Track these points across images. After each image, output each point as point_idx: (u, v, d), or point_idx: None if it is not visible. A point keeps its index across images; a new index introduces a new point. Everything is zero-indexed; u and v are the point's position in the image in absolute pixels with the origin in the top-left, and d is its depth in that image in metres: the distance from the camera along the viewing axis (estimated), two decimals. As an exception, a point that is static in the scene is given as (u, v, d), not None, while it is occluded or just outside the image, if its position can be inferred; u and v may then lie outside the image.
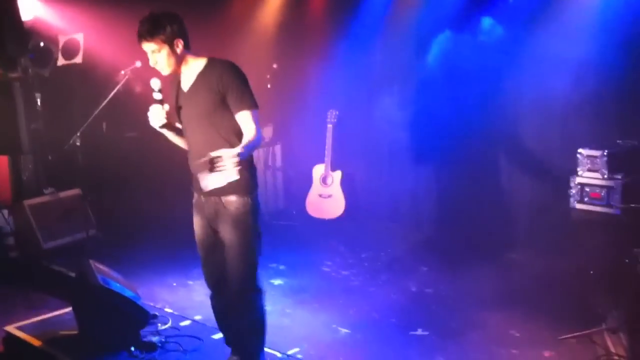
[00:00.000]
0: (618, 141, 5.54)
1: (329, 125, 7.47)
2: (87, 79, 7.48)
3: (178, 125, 3.93)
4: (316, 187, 7.55)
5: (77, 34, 7.05)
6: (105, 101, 6.34)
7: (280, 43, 8.06)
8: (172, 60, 3.67)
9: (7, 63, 6.50)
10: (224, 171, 3.35)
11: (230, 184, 3.53)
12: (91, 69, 7.38)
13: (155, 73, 3.75)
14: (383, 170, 7.73)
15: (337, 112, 7.47)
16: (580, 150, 5.40)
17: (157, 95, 3.70)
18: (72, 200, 7.11)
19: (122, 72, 6.36)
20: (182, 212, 3.96)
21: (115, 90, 6.33)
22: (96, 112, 6.39)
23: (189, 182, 3.96)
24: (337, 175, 7.46)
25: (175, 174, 3.80)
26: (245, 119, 3.64)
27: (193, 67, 3.75)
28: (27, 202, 6.85)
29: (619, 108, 5.77)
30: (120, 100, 6.56)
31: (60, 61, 7.01)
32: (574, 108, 6.06)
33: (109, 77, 6.95)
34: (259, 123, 3.66)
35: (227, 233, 3.80)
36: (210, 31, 3.59)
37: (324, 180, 7.51)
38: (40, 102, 7.12)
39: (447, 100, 7.02)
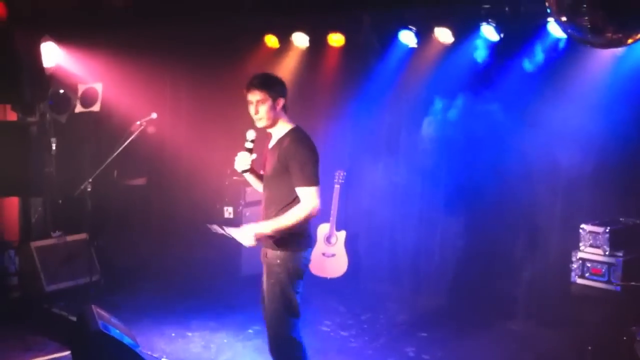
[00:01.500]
0: (620, 219, 5.62)
1: (336, 186, 7.55)
2: (103, 127, 7.64)
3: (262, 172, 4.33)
4: (320, 246, 7.59)
5: (96, 83, 7.24)
6: (119, 149, 6.47)
7: (293, 102, 8.18)
8: (271, 115, 4.09)
9: (25, 108, 6.68)
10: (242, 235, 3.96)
11: (273, 239, 4.04)
12: (107, 117, 7.55)
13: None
14: (386, 233, 7.77)
15: (345, 173, 7.56)
16: (583, 225, 5.48)
17: (249, 145, 4.23)
18: (78, 244, 7.18)
19: (138, 122, 6.51)
20: (184, 263, 4.05)
21: (129, 140, 6.47)
22: (109, 160, 6.51)
23: (191, 233, 4.15)
24: (342, 235, 7.51)
25: (178, 223, 3.96)
26: (300, 194, 3.97)
27: (280, 130, 4.15)
28: (34, 244, 6.93)
29: (624, 183, 5.85)
30: (132, 148, 6.70)
31: (78, 109, 7.18)
32: (579, 180, 6.13)
33: (124, 126, 7.10)
34: (314, 198, 3.95)
35: (265, 282, 4.17)
36: (224, 85, 3.85)
37: (328, 239, 7.55)
38: (55, 147, 7.26)
39: (453, 166, 7.12)
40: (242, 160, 4.23)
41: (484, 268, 6.68)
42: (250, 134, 4.22)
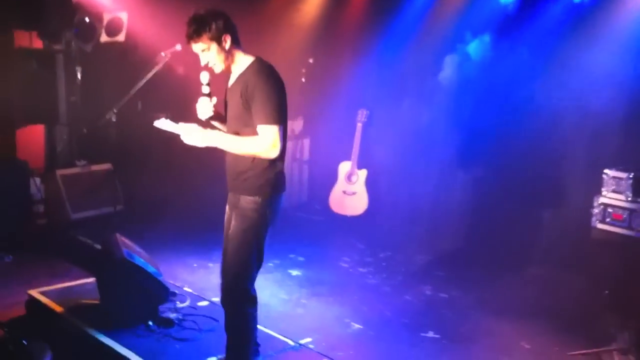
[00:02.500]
0: (645, 165, 5.56)
1: (359, 124, 7.55)
2: (127, 58, 7.61)
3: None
4: (341, 184, 7.64)
5: (121, 13, 7.19)
6: (143, 81, 6.45)
7: (317, 38, 8.14)
8: (222, 56, 3.70)
9: (51, 35, 6.67)
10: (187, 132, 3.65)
11: (246, 184, 3.77)
12: (132, 48, 7.52)
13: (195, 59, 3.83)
14: (407, 174, 7.78)
15: (368, 112, 7.54)
16: (606, 170, 5.43)
17: (205, 89, 3.79)
18: (103, 174, 7.28)
19: (162, 53, 6.47)
20: (207, 194, 4.07)
21: (154, 71, 6.45)
22: (133, 90, 6.51)
23: (216, 166, 4.04)
24: (363, 173, 7.54)
25: (202, 157, 3.88)
26: (260, 132, 3.65)
27: (239, 66, 3.78)
28: (59, 172, 7.03)
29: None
30: (157, 81, 6.68)
31: (103, 38, 7.15)
32: (607, 125, 6.06)
33: (148, 57, 7.08)
34: (276, 139, 3.62)
35: (233, 226, 3.86)
36: (248, 24, 3.67)
37: (349, 177, 7.59)
38: (80, 76, 7.28)
39: (478, 108, 7.06)
40: (203, 107, 3.82)
41: (505, 212, 6.67)
42: (204, 77, 3.78)
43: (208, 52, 3.68)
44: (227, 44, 3.69)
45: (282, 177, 3.87)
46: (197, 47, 3.68)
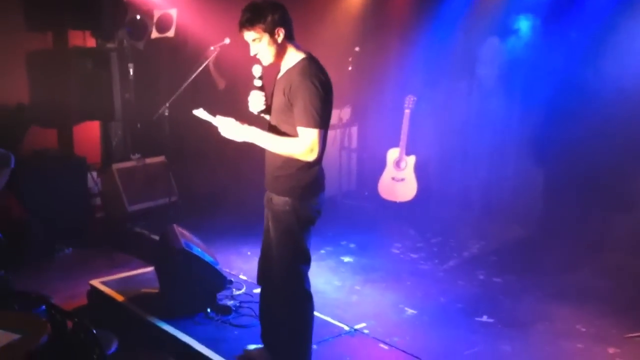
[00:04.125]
0: None
1: (407, 111, 7.54)
2: (178, 53, 7.77)
3: None
4: (389, 170, 7.66)
5: (171, 9, 7.33)
6: (195, 74, 6.59)
7: (364, 27, 8.16)
8: (273, 49, 3.62)
9: (105, 34, 6.85)
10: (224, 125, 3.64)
11: (278, 183, 3.74)
12: (182, 44, 7.67)
13: (245, 55, 3.84)
14: (457, 158, 7.75)
15: (415, 98, 7.53)
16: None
17: (257, 82, 3.77)
18: (157, 167, 7.44)
19: (212, 47, 6.60)
20: (258, 186, 4.13)
21: (204, 65, 6.58)
22: (185, 84, 6.65)
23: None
24: (411, 159, 7.54)
25: (253, 150, 3.92)
26: (300, 133, 3.59)
27: (288, 61, 3.70)
28: (115, 166, 7.22)
29: None
30: (208, 74, 6.83)
31: (154, 34, 7.30)
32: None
33: (198, 52, 7.21)
34: (315, 143, 3.55)
35: (270, 228, 3.85)
36: (295, 13, 3.67)
37: (397, 164, 7.61)
38: (133, 73, 7.46)
39: (526, 95, 6.99)
40: (256, 100, 3.79)
41: (559, 196, 6.61)
42: (257, 70, 3.74)
43: (259, 43, 3.60)
44: (280, 37, 3.61)
45: (317, 181, 3.79)
46: (249, 35, 3.61)
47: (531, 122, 6.92)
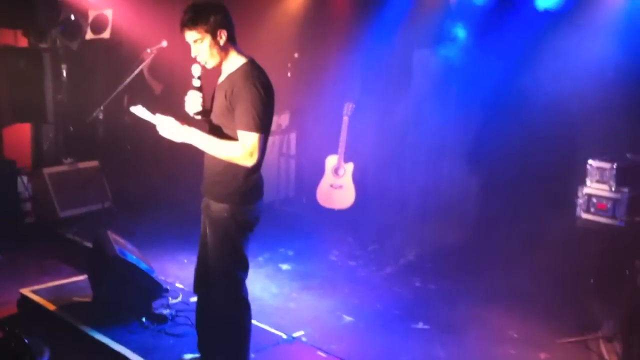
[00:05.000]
0: (627, 155, 5.67)
1: (345, 118, 7.59)
2: (113, 55, 7.61)
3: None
4: (328, 177, 7.69)
5: (106, 10, 7.17)
6: (130, 77, 6.48)
7: (303, 33, 8.17)
8: (215, 51, 3.57)
9: (38, 33, 6.65)
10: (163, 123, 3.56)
11: (217, 190, 3.70)
12: (117, 45, 7.52)
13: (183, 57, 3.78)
14: (394, 165, 7.83)
15: (354, 105, 7.58)
16: (590, 161, 5.54)
17: (196, 82, 3.68)
18: (90, 171, 7.27)
19: (148, 50, 6.50)
20: (196, 190, 4.08)
21: (140, 68, 6.47)
22: (121, 87, 6.53)
23: (202, 160, 3.90)
24: (350, 167, 7.59)
25: (190, 152, 3.87)
26: (240, 137, 3.55)
27: (230, 65, 3.67)
28: (47, 170, 7.03)
29: (633, 120, 5.87)
30: (143, 76, 6.71)
31: (89, 35, 7.12)
32: (590, 115, 6.14)
33: (134, 54, 7.08)
34: (255, 147, 3.51)
35: (208, 235, 3.82)
36: (234, 18, 3.62)
37: (336, 171, 7.64)
38: (66, 74, 7.26)
39: (462, 100, 7.14)
40: (193, 101, 3.69)
41: (491, 202, 6.76)
42: (196, 70, 3.65)
43: (200, 44, 3.55)
44: (222, 39, 3.57)
45: (257, 187, 3.76)
46: (190, 36, 3.55)
47: (466, 128, 7.06)
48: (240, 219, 3.71)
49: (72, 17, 6.98)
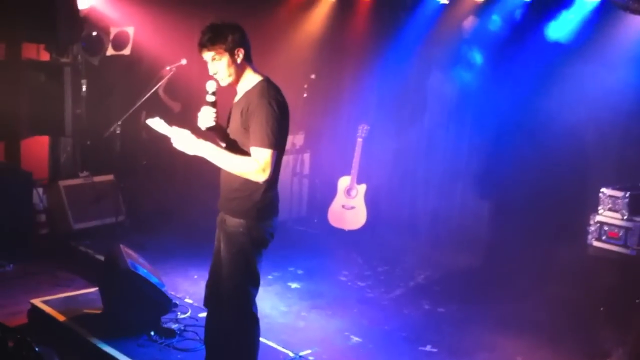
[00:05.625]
0: (640, 184, 5.67)
1: (359, 139, 7.63)
2: (132, 71, 7.72)
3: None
4: (340, 198, 7.72)
5: (128, 27, 7.29)
6: (149, 94, 6.57)
7: (320, 54, 8.25)
8: (232, 70, 3.67)
9: (60, 48, 6.76)
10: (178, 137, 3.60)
11: (233, 205, 3.75)
12: (137, 62, 7.63)
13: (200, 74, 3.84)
14: (406, 188, 7.87)
15: (368, 127, 7.63)
16: (603, 189, 5.54)
17: (210, 98, 3.72)
18: (105, 185, 7.34)
19: (168, 67, 6.59)
20: (208, 206, 4.13)
21: (159, 85, 6.57)
22: (138, 103, 6.61)
23: (218, 179, 3.96)
24: (362, 188, 7.62)
25: (204, 169, 3.91)
26: (252, 153, 3.61)
27: (246, 83, 3.75)
28: (62, 183, 7.09)
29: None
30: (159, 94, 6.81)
31: (110, 51, 7.25)
32: (604, 144, 6.17)
33: (154, 70, 7.19)
34: (267, 163, 3.57)
35: (222, 249, 3.84)
36: (251, 39, 3.69)
37: (348, 192, 7.67)
38: (86, 89, 7.37)
39: (476, 126, 7.19)
40: (206, 116, 3.71)
41: (504, 227, 6.76)
42: (211, 86, 3.70)
43: (218, 62, 3.65)
44: (240, 57, 3.67)
45: (273, 204, 3.81)
46: (208, 55, 3.66)
47: (479, 153, 7.10)
48: (256, 234, 3.76)
49: (94, 33, 7.10)
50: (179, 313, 5.22)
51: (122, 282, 4.75)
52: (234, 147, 3.73)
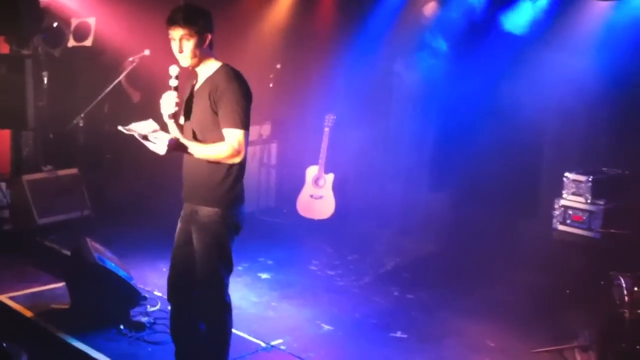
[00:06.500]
0: (604, 168, 5.78)
1: (326, 129, 7.65)
2: (95, 62, 7.60)
3: (182, 121, 3.91)
4: (308, 188, 7.73)
5: (89, 18, 7.18)
6: (112, 85, 6.48)
7: (285, 44, 8.22)
8: (197, 52, 3.67)
9: (20, 40, 6.62)
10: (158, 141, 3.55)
11: (205, 194, 3.74)
12: (99, 53, 7.51)
13: (163, 64, 3.82)
14: (374, 177, 7.91)
15: (335, 117, 7.65)
16: (566, 174, 5.63)
17: (173, 82, 3.71)
18: (69, 179, 7.23)
19: (130, 59, 6.51)
20: (175, 198, 4.09)
21: (122, 76, 6.49)
22: (101, 96, 6.53)
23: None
24: (330, 177, 7.64)
25: (171, 160, 3.88)
26: (226, 135, 3.63)
27: (207, 69, 3.76)
28: (26, 177, 6.97)
29: (610, 135, 5.99)
30: (121, 85, 6.71)
31: (71, 43, 7.13)
32: (569, 129, 6.26)
33: (116, 62, 7.09)
34: (242, 143, 3.62)
35: (195, 240, 3.82)
36: (217, 27, 3.66)
37: (316, 181, 7.68)
38: (47, 81, 7.24)
39: (441, 114, 7.23)
40: (169, 101, 3.70)
41: (470, 214, 6.84)
42: (174, 70, 3.71)
43: (186, 42, 3.64)
44: (206, 42, 3.70)
45: (242, 191, 3.83)
46: (178, 33, 3.63)
47: (446, 140, 7.16)
48: (230, 221, 3.77)
49: (55, 24, 6.98)
50: (148, 306, 5.19)
51: (90, 275, 4.70)
52: (203, 132, 3.73)
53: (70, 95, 7.55)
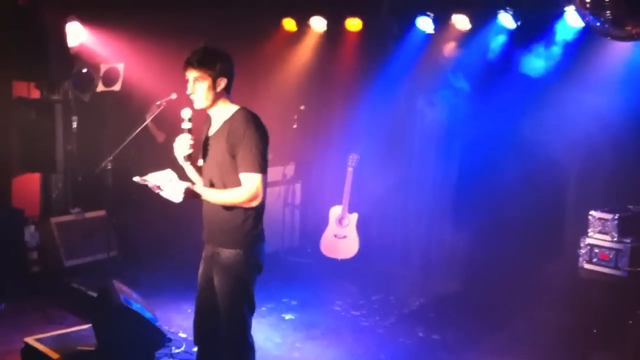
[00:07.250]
0: (630, 206, 5.73)
1: (349, 169, 7.68)
2: (123, 106, 7.76)
3: (200, 163, 3.98)
4: (332, 227, 7.74)
5: (118, 63, 7.36)
6: (139, 128, 6.59)
7: (309, 85, 8.31)
8: (210, 95, 3.72)
9: (50, 86, 6.81)
10: (173, 190, 3.60)
11: (226, 236, 3.77)
12: (128, 97, 7.67)
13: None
14: (399, 217, 7.89)
15: (358, 157, 7.68)
16: (592, 212, 5.58)
17: (186, 125, 3.77)
18: (97, 221, 7.33)
19: (158, 102, 6.63)
20: (200, 239, 4.14)
21: (149, 119, 6.60)
22: (129, 139, 6.63)
23: None
24: (354, 217, 7.65)
25: (195, 202, 3.93)
26: (243, 179, 3.68)
27: (223, 113, 3.80)
28: (54, 220, 7.09)
29: (635, 173, 5.95)
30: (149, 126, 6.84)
31: (100, 88, 7.30)
32: (592, 167, 6.23)
33: (144, 105, 7.23)
34: (259, 187, 3.66)
35: (217, 282, 3.86)
36: (241, 69, 3.72)
37: (340, 221, 7.70)
38: (77, 125, 7.40)
39: (464, 153, 7.24)
40: (183, 144, 3.76)
41: (496, 253, 6.78)
42: (186, 113, 3.76)
43: (200, 84, 3.70)
44: (221, 86, 3.74)
45: (262, 230, 3.87)
46: (192, 74, 3.70)
47: (469, 179, 7.12)
48: (252, 261, 3.82)
49: (85, 70, 7.15)
50: (173, 347, 5.21)
51: (116, 317, 4.73)
52: (217, 176, 3.78)
53: (99, 139, 7.69)
